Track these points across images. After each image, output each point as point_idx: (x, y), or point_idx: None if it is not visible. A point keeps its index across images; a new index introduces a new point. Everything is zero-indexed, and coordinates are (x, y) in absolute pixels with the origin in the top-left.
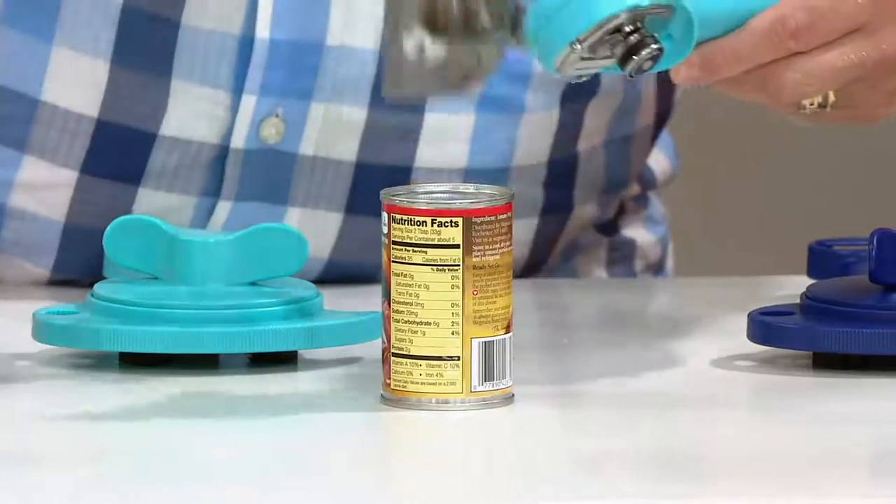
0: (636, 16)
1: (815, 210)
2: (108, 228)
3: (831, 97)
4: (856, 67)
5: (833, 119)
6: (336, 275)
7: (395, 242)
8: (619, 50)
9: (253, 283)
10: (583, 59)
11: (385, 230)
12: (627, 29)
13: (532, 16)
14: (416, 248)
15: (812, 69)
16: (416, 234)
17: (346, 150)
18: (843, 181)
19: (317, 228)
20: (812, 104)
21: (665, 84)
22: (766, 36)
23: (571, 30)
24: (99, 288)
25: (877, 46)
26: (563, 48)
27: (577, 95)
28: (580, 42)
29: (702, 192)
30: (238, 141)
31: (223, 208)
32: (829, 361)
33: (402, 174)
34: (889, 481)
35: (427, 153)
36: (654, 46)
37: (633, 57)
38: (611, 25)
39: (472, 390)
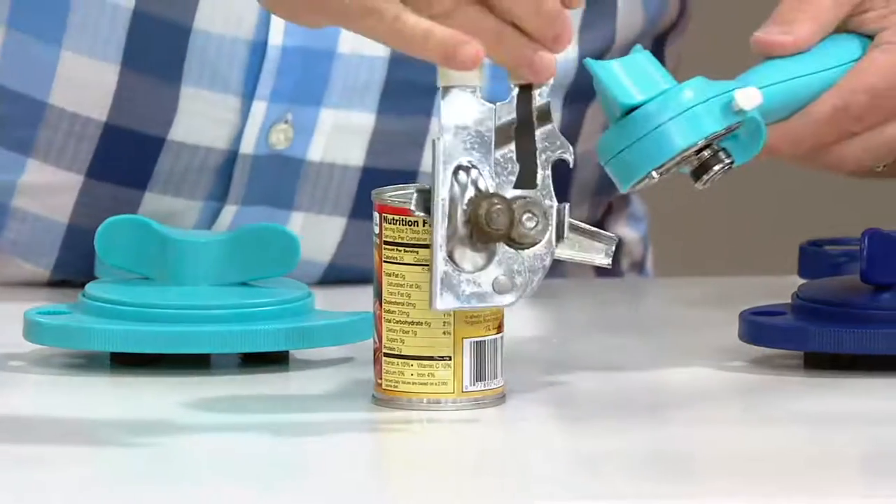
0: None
1: (806, 210)
2: (100, 229)
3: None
4: None
5: (884, 176)
6: (336, 278)
7: (386, 242)
8: (692, 166)
9: (244, 284)
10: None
11: (377, 230)
12: (700, 145)
13: (602, 149)
14: (407, 248)
15: (874, 145)
16: (407, 235)
17: (354, 155)
18: (834, 181)
19: (320, 232)
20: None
21: None
22: (828, 122)
23: (649, 162)
24: (90, 288)
25: None
26: (640, 177)
27: (579, 97)
28: (657, 171)
29: (692, 191)
30: (247, 146)
31: (228, 212)
32: (821, 361)
33: (408, 178)
34: (882, 481)
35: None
36: (727, 161)
37: (710, 169)
38: (687, 153)
39: (464, 390)
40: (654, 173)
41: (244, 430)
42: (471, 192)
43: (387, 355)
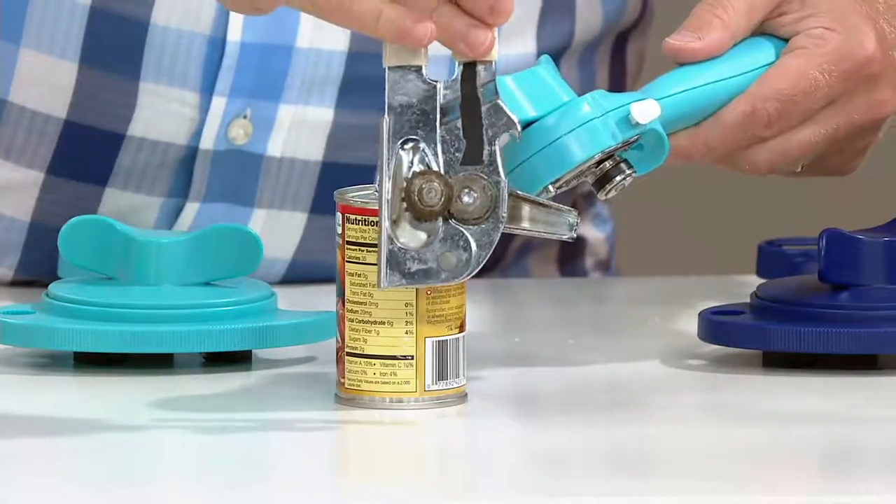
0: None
1: (765, 210)
2: (63, 229)
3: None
4: (828, 139)
5: (804, 175)
6: (299, 275)
7: (349, 243)
8: (594, 176)
9: (207, 283)
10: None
11: (339, 230)
12: (598, 158)
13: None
14: (370, 249)
15: (786, 149)
16: (370, 235)
17: (313, 150)
18: (792, 181)
19: (282, 229)
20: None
21: (619, 86)
22: (738, 128)
23: (546, 175)
24: (54, 288)
25: (848, 116)
26: (538, 190)
27: None
28: (554, 184)
29: (651, 190)
30: (207, 142)
31: (191, 209)
32: (779, 360)
33: (368, 173)
34: (838, 479)
35: None
36: (628, 172)
37: (612, 180)
38: (584, 166)
39: (426, 389)
40: (550, 187)
41: (207, 429)
42: (415, 170)
43: (349, 354)
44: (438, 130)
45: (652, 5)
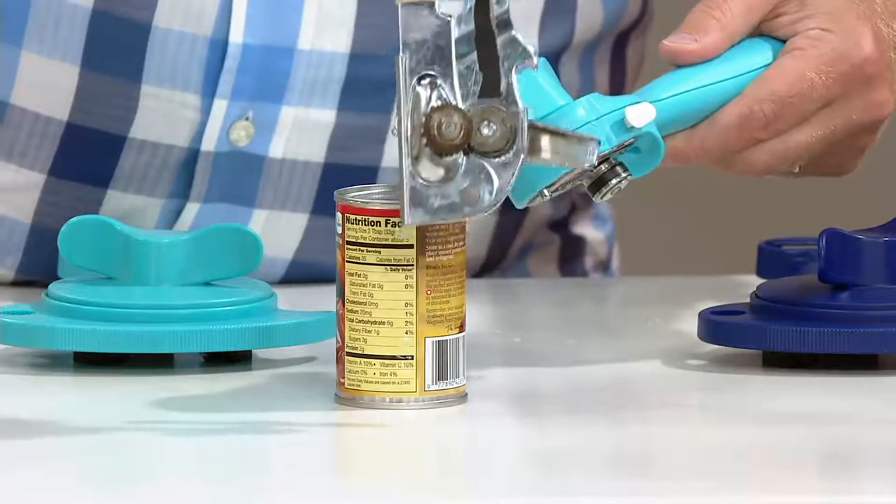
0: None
1: (765, 210)
2: (63, 229)
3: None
4: (826, 140)
5: (801, 176)
6: (300, 275)
7: (349, 242)
8: (590, 179)
9: (207, 283)
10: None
11: (339, 230)
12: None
13: None
14: (370, 248)
15: (783, 151)
16: (370, 235)
17: (315, 152)
18: (792, 181)
19: (282, 229)
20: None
21: (619, 86)
22: (734, 130)
23: (542, 179)
24: (54, 288)
25: (845, 118)
26: (534, 194)
27: None
28: (549, 188)
29: (652, 190)
30: (208, 144)
31: (191, 210)
32: (779, 360)
33: (369, 174)
34: (837, 479)
35: (394, 153)
36: (623, 175)
37: (607, 183)
38: (579, 170)
39: (426, 389)
40: (545, 191)
41: (207, 430)
42: (433, 105)
43: (349, 354)
44: (454, 65)
45: (652, 5)
